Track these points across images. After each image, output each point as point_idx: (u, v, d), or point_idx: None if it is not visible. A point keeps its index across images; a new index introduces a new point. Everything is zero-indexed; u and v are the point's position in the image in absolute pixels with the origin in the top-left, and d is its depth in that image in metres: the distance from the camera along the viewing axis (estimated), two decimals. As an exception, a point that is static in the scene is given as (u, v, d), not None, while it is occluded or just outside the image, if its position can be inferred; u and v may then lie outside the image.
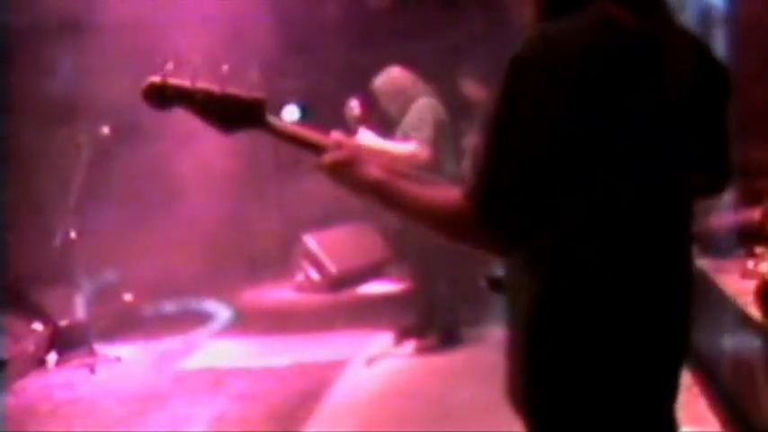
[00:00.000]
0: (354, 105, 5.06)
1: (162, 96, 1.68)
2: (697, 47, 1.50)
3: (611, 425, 1.41)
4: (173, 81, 1.69)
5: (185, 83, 1.69)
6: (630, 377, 1.41)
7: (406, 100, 5.03)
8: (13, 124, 5.72)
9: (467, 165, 5.43)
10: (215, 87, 1.70)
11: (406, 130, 4.91)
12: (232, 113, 1.70)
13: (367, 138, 4.85)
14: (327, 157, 1.63)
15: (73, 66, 6.17)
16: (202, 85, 1.70)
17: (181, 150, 7.03)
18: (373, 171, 1.56)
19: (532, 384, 1.46)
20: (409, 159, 4.62)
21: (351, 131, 4.95)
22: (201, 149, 6.90)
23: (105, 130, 5.56)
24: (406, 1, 7.32)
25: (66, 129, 5.74)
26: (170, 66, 1.70)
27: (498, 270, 1.62)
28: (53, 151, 5.95)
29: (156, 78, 1.68)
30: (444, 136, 5.00)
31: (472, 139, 6.49)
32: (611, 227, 1.36)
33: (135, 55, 6.42)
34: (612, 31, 1.32)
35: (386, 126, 5.10)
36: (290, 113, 8.18)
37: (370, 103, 5.08)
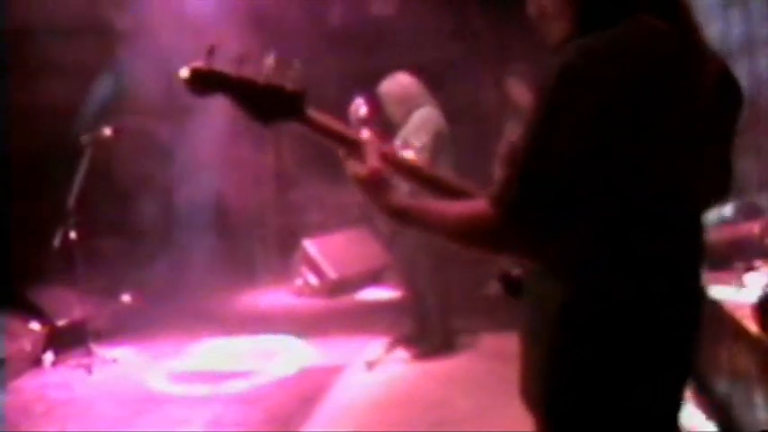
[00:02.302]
0: (360, 104, 5.06)
1: (205, 82, 1.66)
2: (718, 62, 1.53)
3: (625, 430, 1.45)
4: (216, 69, 1.66)
5: (229, 71, 1.67)
6: (649, 385, 1.44)
7: (410, 107, 5.06)
8: (14, 125, 5.73)
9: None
10: (258, 77, 1.68)
11: (405, 136, 4.93)
12: (272, 105, 1.68)
13: None
14: (360, 173, 1.68)
15: (78, 67, 6.19)
16: (246, 74, 1.68)
17: (181, 154, 7.07)
18: (400, 198, 1.62)
19: (553, 387, 1.48)
20: None
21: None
22: (202, 154, 6.95)
23: (107, 131, 5.57)
24: (412, 8, 7.33)
25: (68, 129, 5.74)
26: (213, 52, 1.66)
27: (514, 271, 1.64)
28: (55, 152, 5.96)
29: (200, 64, 1.65)
30: (443, 147, 5.01)
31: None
32: (639, 235, 1.40)
33: (141, 58, 6.53)
34: (653, 46, 1.36)
35: (387, 130, 5.11)
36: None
37: (375, 104, 5.10)
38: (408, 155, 1.85)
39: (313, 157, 7.55)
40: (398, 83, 5.18)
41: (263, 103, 1.67)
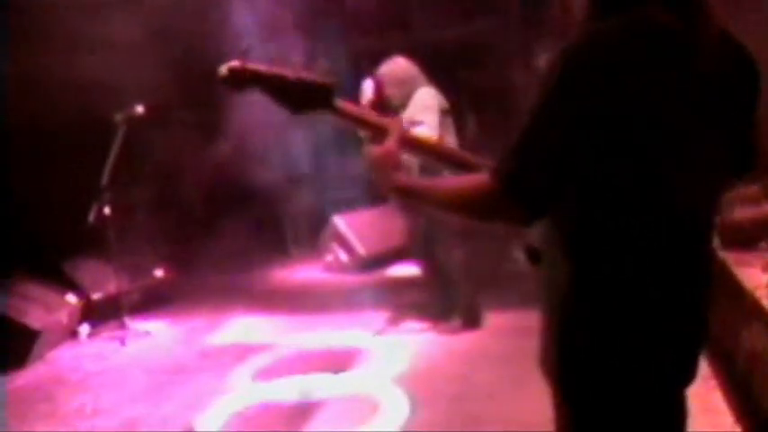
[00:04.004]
0: (368, 87, 5.13)
1: (240, 79, 1.79)
2: (734, 49, 1.58)
3: (632, 400, 1.53)
4: (251, 65, 1.79)
5: (262, 67, 1.80)
6: (653, 356, 1.52)
7: (409, 88, 5.14)
8: (49, 103, 5.84)
9: None
10: (289, 72, 1.81)
11: (411, 116, 4.99)
12: (303, 97, 1.80)
13: None
14: (374, 153, 1.78)
15: (109, 44, 6.28)
16: (277, 69, 1.81)
17: (215, 129, 7.16)
18: (406, 177, 1.72)
19: (564, 356, 1.57)
20: None
21: None
22: (235, 130, 7.03)
23: (140, 109, 5.68)
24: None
25: (102, 107, 5.84)
26: (248, 50, 1.81)
27: (535, 241, 1.71)
28: (91, 129, 6.08)
29: (235, 62, 1.78)
30: (446, 123, 5.08)
31: None
32: (640, 211, 1.46)
33: (168, 34, 6.61)
34: (656, 34, 1.43)
35: (386, 111, 5.17)
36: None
37: (377, 86, 5.15)
38: (428, 136, 1.95)
39: (343, 134, 7.63)
40: (398, 65, 5.26)
41: (294, 96, 1.80)
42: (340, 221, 7.74)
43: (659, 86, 1.41)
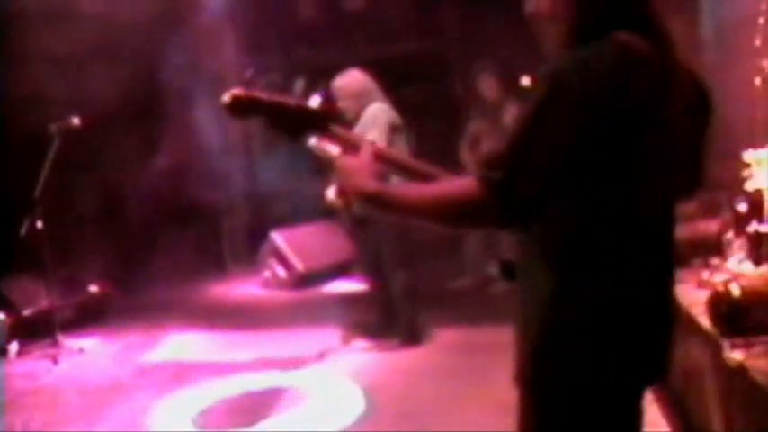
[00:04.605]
0: (316, 100, 5.10)
1: (242, 107, 1.82)
2: (695, 81, 1.70)
3: (611, 408, 1.62)
4: (253, 94, 1.83)
5: (263, 95, 1.83)
6: (634, 366, 1.61)
7: (364, 102, 5.15)
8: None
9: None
10: (289, 100, 1.85)
11: (361, 130, 5.00)
12: (301, 123, 1.86)
13: None
14: (337, 161, 1.81)
15: (44, 55, 6.16)
16: (278, 97, 1.85)
17: (155, 145, 7.06)
18: (372, 182, 1.72)
19: (545, 368, 1.62)
20: None
21: None
22: (175, 146, 6.95)
23: (75, 120, 5.56)
24: (381, 3, 7.39)
25: (35, 119, 5.71)
26: (250, 79, 1.87)
27: (510, 256, 1.76)
28: (23, 141, 5.93)
29: (239, 91, 1.81)
30: (398, 139, 5.09)
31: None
32: (623, 229, 1.56)
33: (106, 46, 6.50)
34: (637, 60, 1.52)
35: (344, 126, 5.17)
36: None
37: (332, 100, 5.14)
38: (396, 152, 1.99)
39: (283, 150, 7.62)
40: (353, 78, 5.27)
41: (293, 123, 1.86)
42: (278, 237, 7.68)
43: (642, 109, 1.49)
